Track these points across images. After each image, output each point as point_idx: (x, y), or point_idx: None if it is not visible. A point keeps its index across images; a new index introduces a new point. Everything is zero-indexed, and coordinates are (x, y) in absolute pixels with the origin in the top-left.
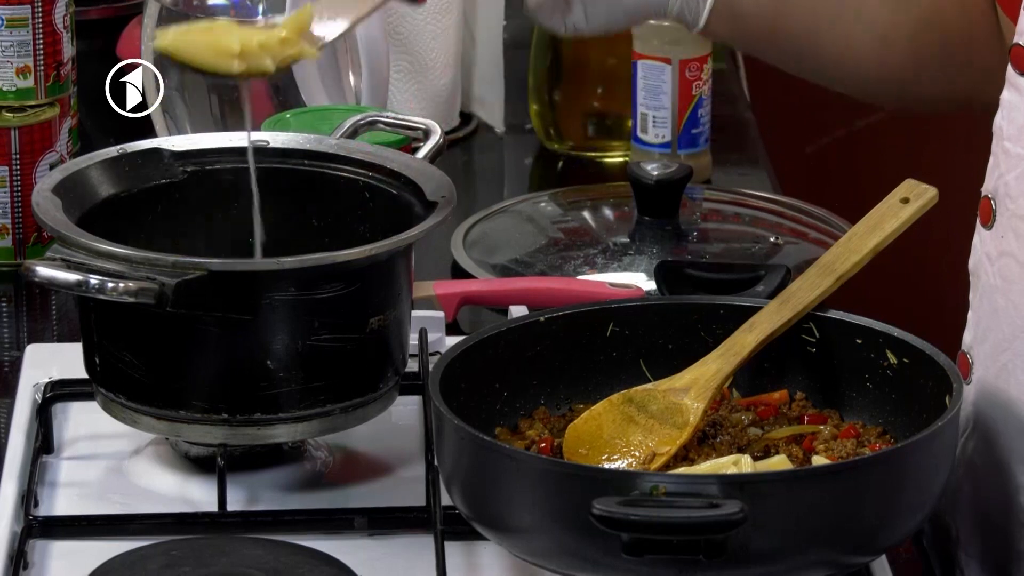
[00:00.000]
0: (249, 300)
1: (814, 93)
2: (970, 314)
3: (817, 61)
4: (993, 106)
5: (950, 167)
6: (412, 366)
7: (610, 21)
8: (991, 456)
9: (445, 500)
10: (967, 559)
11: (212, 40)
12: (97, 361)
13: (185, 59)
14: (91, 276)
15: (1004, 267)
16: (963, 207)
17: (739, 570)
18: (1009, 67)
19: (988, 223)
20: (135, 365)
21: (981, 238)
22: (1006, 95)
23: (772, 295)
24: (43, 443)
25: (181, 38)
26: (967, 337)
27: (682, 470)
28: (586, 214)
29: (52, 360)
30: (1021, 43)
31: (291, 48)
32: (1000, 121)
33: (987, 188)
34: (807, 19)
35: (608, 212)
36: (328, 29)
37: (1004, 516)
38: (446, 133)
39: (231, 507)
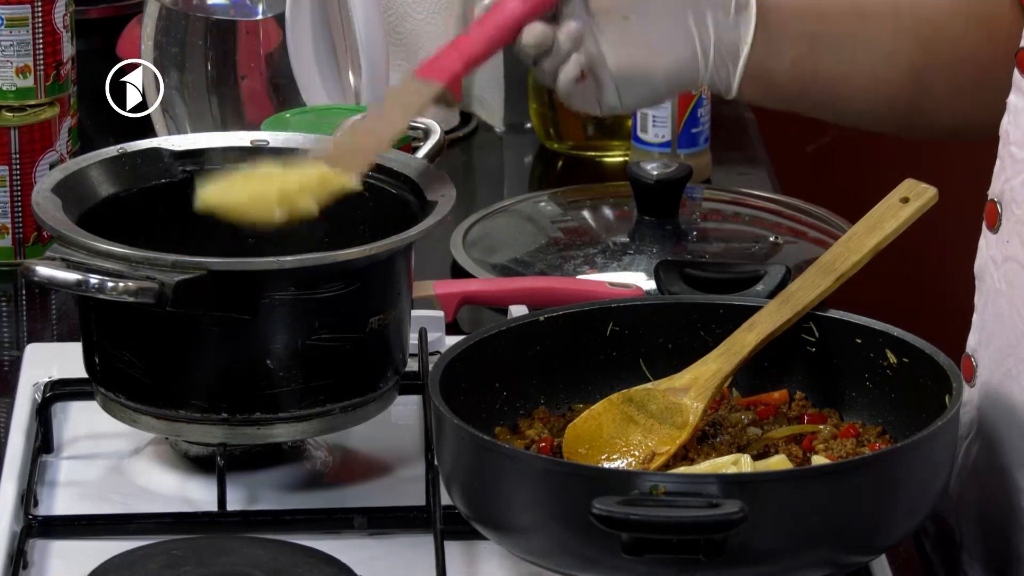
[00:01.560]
0: (249, 299)
1: None
2: (975, 317)
3: (850, 108)
4: None
5: (950, 167)
6: (412, 366)
7: (643, 98)
8: (995, 460)
9: (445, 500)
10: (970, 562)
11: (251, 191)
12: (97, 361)
13: (229, 215)
14: (91, 275)
15: (1009, 272)
16: (964, 207)
17: (739, 569)
18: (1015, 71)
19: (994, 227)
20: (135, 364)
21: (987, 242)
22: (1012, 99)
23: (772, 295)
24: (43, 443)
25: (221, 195)
26: (971, 340)
27: (682, 470)
28: (586, 214)
29: (52, 360)
30: None
31: (331, 183)
32: (1007, 125)
33: (993, 192)
34: (838, 72)
35: (608, 212)
36: (361, 158)
37: (1007, 520)
38: (446, 132)
39: (231, 507)
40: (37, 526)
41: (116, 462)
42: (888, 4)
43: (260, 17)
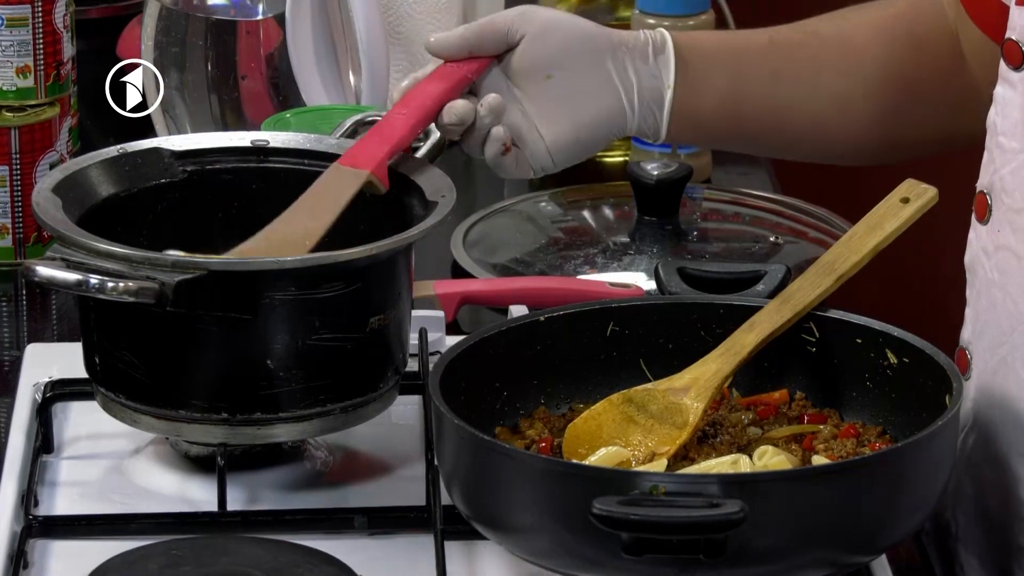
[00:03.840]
0: (249, 299)
1: None
2: (967, 310)
3: (782, 142)
4: (976, 136)
5: (950, 166)
6: (412, 366)
7: (576, 154)
8: (991, 451)
9: (445, 500)
10: (966, 555)
11: None
12: (97, 361)
13: None
14: (91, 276)
15: (1001, 261)
16: (964, 206)
17: (739, 569)
18: (1001, 62)
19: (984, 218)
20: (135, 365)
21: (977, 233)
22: (999, 91)
23: (772, 295)
24: (43, 443)
25: None
26: (965, 333)
27: (682, 470)
28: (586, 214)
29: (52, 360)
30: (1013, 38)
31: None
32: (994, 117)
33: (982, 183)
34: (767, 107)
35: (608, 212)
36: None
37: (1003, 510)
38: None
39: (231, 507)
40: (37, 526)
41: (116, 462)
42: (808, 35)
43: (260, 17)
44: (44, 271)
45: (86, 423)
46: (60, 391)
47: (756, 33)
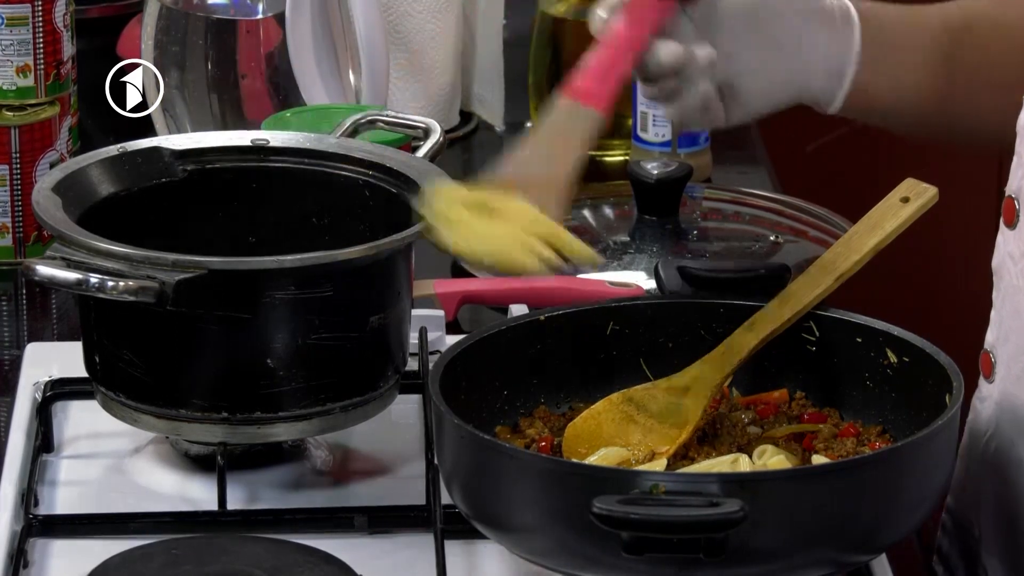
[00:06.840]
0: (249, 298)
1: None
2: (993, 313)
3: (950, 130)
4: None
5: (951, 165)
6: (412, 365)
7: (768, 110)
8: (1013, 456)
9: (445, 499)
10: (988, 558)
11: (499, 240)
12: (97, 360)
13: (479, 264)
14: (91, 275)
15: None
16: (965, 206)
17: (739, 569)
18: None
19: (1012, 223)
20: (135, 364)
21: (1004, 238)
22: None
23: (772, 294)
24: (43, 442)
25: (469, 245)
26: (990, 336)
27: (682, 469)
28: (586, 213)
29: (52, 359)
30: None
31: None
32: (1023, 121)
33: (1011, 188)
34: (937, 97)
35: (608, 211)
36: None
37: None
38: (446, 132)
39: (231, 506)
40: (37, 525)
41: (116, 461)
42: (974, 18)
43: (260, 16)
44: (44, 270)
45: (86, 422)
46: (60, 390)
47: (928, 14)
